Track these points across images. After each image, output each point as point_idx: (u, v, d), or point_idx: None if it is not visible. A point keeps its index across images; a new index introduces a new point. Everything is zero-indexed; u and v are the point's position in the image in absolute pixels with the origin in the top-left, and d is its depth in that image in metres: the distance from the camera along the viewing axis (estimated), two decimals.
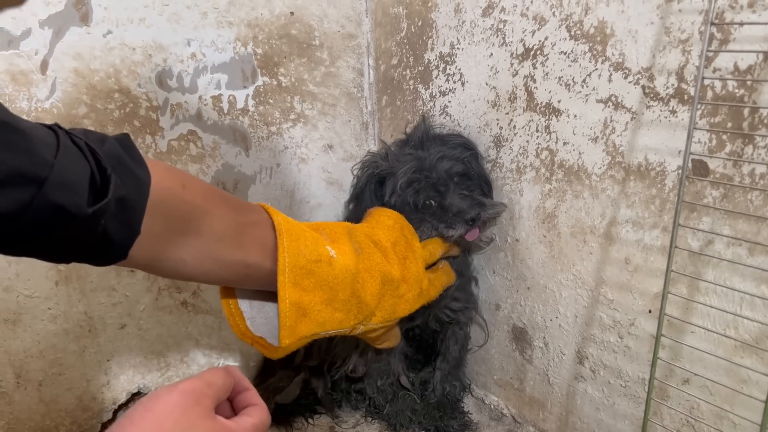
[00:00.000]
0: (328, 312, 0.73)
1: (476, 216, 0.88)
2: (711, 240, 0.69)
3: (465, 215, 0.88)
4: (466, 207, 0.88)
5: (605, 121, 0.77)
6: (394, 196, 0.90)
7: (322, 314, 0.72)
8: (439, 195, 0.90)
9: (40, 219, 0.44)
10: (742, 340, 0.68)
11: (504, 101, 0.91)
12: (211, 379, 0.47)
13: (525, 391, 1.02)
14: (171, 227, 0.58)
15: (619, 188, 0.78)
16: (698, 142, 0.68)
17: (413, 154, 0.90)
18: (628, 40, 0.72)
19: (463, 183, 0.92)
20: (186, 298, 1.05)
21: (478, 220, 0.89)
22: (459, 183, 0.91)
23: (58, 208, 0.44)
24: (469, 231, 0.89)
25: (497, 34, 0.89)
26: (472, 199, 0.90)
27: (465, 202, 0.89)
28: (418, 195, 0.89)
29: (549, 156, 0.86)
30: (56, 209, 0.44)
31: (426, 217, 0.90)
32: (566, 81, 0.81)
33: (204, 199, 0.62)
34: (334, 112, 1.13)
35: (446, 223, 0.89)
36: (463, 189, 0.91)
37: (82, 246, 0.50)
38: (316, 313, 0.71)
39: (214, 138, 1.00)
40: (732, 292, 0.68)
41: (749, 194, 0.65)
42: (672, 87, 0.69)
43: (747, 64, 0.62)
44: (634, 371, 0.82)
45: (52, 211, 0.44)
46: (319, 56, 1.08)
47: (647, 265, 0.77)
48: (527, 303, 0.96)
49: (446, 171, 0.89)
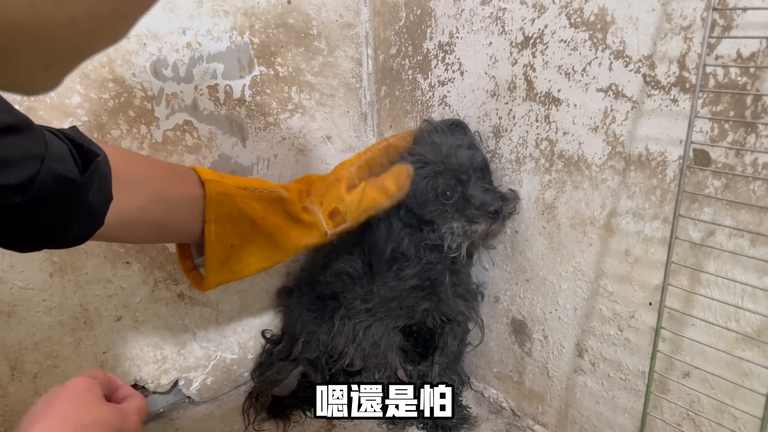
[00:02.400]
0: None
1: (499, 209, 0.86)
2: (712, 231, 0.68)
3: (488, 207, 0.86)
4: (489, 200, 0.87)
5: (605, 111, 0.76)
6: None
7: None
8: (460, 184, 0.88)
9: (45, 187, 0.52)
10: (744, 333, 0.67)
11: (503, 91, 0.89)
12: (93, 374, 0.57)
13: (524, 384, 1.01)
14: (128, 187, 0.69)
15: (619, 179, 0.76)
16: (700, 132, 0.66)
17: (433, 140, 0.90)
18: (629, 27, 0.71)
19: (485, 176, 0.91)
20: (182, 290, 1.04)
21: (500, 214, 0.87)
22: (480, 175, 0.89)
23: (58, 176, 0.53)
24: (492, 225, 0.87)
25: (496, 22, 0.87)
26: (494, 192, 0.89)
27: (488, 195, 0.88)
28: (436, 181, 0.88)
29: (549, 146, 0.85)
30: (57, 177, 0.53)
31: (447, 208, 0.89)
32: (566, 70, 0.79)
33: (140, 160, 0.78)
34: (332, 102, 1.12)
35: (468, 217, 0.88)
36: (485, 182, 0.90)
37: (70, 215, 0.57)
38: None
39: (210, 128, 0.99)
40: (733, 284, 0.67)
41: (752, 184, 0.63)
42: (673, 75, 0.68)
43: (750, 51, 0.61)
44: (633, 364, 0.81)
45: (54, 179, 0.52)
46: (316, 46, 1.07)
47: (647, 256, 0.75)
48: (526, 295, 0.95)
49: (469, 161, 0.88)
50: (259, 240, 0.83)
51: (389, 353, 0.99)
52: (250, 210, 0.81)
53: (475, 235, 0.89)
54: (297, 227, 0.86)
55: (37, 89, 0.30)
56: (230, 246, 0.81)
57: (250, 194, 0.82)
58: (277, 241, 0.84)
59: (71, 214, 0.57)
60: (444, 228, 0.90)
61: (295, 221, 0.86)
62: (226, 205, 0.79)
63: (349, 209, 0.87)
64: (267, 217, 0.83)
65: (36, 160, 0.51)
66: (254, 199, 0.82)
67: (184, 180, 0.78)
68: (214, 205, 0.78)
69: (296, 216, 0.85)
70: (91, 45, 0.29)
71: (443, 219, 0.89)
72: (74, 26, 0.26)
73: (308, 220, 0.86)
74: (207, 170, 0.81)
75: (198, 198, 0.78)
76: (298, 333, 1.08)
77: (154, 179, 0.74)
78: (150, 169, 0.75)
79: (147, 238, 0.84)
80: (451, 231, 0.89)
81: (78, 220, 0.59)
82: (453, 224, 0.89)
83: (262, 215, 0.82)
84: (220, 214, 0.79)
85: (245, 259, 0.83)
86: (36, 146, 0.51)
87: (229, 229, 0.80)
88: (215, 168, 1.00)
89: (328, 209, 0.87)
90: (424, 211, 0.89)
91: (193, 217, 0.79)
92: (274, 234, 0.84)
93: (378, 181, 0.89)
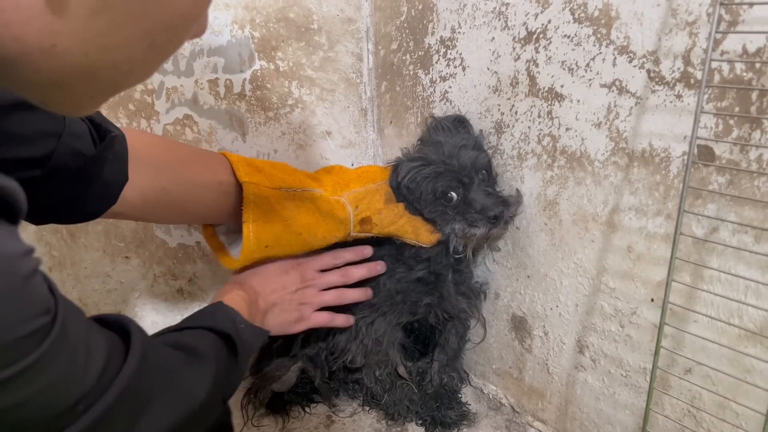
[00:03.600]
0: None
1: (499, 214, 0.86)
2: (716, 227, 0.68)
3: (489, 212, 0.85)
4: (490, 204, 0.86)
5: (609, 107, 0.76)
6: (408, 178, 0.88)
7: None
8: (462, 187, 0.88)
9: (62, 160, 0.57)
10: (747, 329, 0.67)
11: (505, 86, 0.89)
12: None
13: (524, 381, 1.01)
14: (151, 168, 0.73)
15: (622, 175, 0.76)
16: (704, 127, 0.66)
17: (437, 139, 0.90)
18: (634, 22, 0.71)
19: (488, 177, 0.90)
20: (182, 285, 1.04)
21: (500, 219, 0.86)
22: (483, 177, 0.89)
23: (74, 150, 0.58)
24: (492, 230, 0.87)
25: (499, 17, 0.87)
26: (496, 197, 0.88)
27: (489, 199, 0.87)
28: (436, 182, 0.87)
29: (551, 142, 0.84)
30: (73, 152, 0.58)
31: (448, 210, 0.88)
32: (569, 65, 0.79)
33: (166, 144, 0.83)
34: (332, 97, 1.12)
35: (468, 221, 0.87)
36: (488, 185, 0.89)
37: (84, 189, 0.62)
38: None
39: (210, 123, 0.99)
40: (737, 280, 0.67)
41: (756, 180, 0.63)
42: (678, 71, 0.68)
43: (756, 46, 0.61)
44: (635, 361, 0.81)
45: (70, 153, 0.58)
46: (317, 40, 1.07)
47: (650, 253, 0.75)
48: (527, 292, 0.95)
49: (471, 163, 0.87)
50: (289, 238, 0.86)
51: (390, 350, 0.99)
52: (282, 210, 0.84)
53: (474, 239, 0.89)
54: (327, 222, 0.88)
55: (81, 113, 0.42)
56: (265, 247, 0.85)
57: (284, 194, 0.85)
58: (306, 239, 0.87)
59: (85, 188, 0.62)
60: (447, 229, 0.90)
61: (326, 216, 0.88)
62: (262, 207, 0.83)
63: (381, 223, 0.91)
64: (299, 217, 0.86)
65: (53, 137, 0.56)
66: (288, 199, 0.86)
67: (211, 165, 0.82)
68: (251, 206, 0.82)
69: (329, 211, 0.88)
70: (126, 82, 0.39)
71: (444, 220, 0.89)
72: (115, 69, 0.37)
73: (342, 216, 0.89)
74: (240, 161, 0.84)
75: (224, 184, 0.82)
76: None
77: (177, 162, 0.78)
78: (175, 153, 0.79)
79: (171, 219, 0.90)
80: (454, 233, 0.89)
81: (92, 195, 0.63)
82: (454, 226, 0.88)
83: (294, 215, 0.85)
84: (256, 214, 0.82)
85: (274, 256, 0.89)
86: (53, 124, 0.57)
87: (265, 230, 0.83)
88: None
89: (362, 215, 0.90)
90: (425, 210, 0.89)
91: (219, 203, 0.83)
92: (304, 234, 0.87)
93: (417, 221, 0.91)
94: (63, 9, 0.31)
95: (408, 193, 0.90)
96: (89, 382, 0.40)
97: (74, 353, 0.38)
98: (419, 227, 0.92)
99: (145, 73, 0.39)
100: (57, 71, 0.34)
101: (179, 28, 0.38)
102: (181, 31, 0.38)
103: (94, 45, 0.34)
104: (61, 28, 0.32)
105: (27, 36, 0.31)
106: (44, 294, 0.36)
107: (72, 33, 0.32)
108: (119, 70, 0.37)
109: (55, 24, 0.31)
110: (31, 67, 0.33)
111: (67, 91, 0.37)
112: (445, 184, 0.87)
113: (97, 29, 0.33)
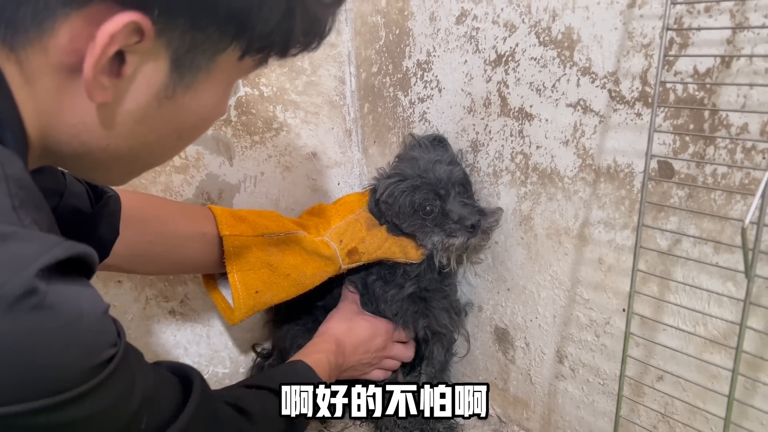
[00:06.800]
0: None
1: (476, 223, 0.89)
2: (678, 239, 0.71)
3: (466, 221, 0.89)
4: (467, 214, 0.89)
5: (575, 125, 0.79)
6: (386, 194, 0.91)
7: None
8: (439, 199, 0.90)
9: (63, 217, 0.59)
10: (711, 337, 0.70)
11: (479, 107, 0.92)
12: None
13: (509, 391, 1.03)
14: (138, 223, 0.78)
15: (590, 190, 0.79)
16: (663, 144, 0.69)
17: (413, 155, 0.93)
18: (594, 45, 0.74)
19: (465, 190, 0.93)
20: (174, 306, 1.06)
21: (477, 228, 0.89)
22: (460, 190, 0.92)
23: (74, 208, 0.63)
24: (470, 239, 0.90)
25: (471, 41, 0.90)
26: (472, 207, 0.91)
27: (466, 210, 0.90)
28: (414, 195, 0.90)
29: (523, 159, 0.87)
30: (73, 209, 0.62)
31: (427, 222, 0.91)
32: (537, 86, 0.82)
33: (153, 200, 0.89)
34: (317, 120, 1.15)
35: (446, 231, 0.90)
36: (464, 197, 0.92)
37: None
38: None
39: (197, 149, 1.02)
40: (700, 291, 0.70)
41: (712, 194, 0.66)
42: (636, 90, 0.71)
43: (705, 67, 0.64)
44: (611, 369, 0.83)
45: (70, 210, 0.62)
46: (300, 65, 1.10)
47: (619, 264, 0.78)
48: (508, 304, 0.97)
49: (447, 176, 0.90)
50: (278, 281, 0.91)
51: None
52: (267, 255, 0.89)
53: (453, 248, 0.91)
54: (315, 261, 0.93)
55: (120, 184, 0.55)
56: (255, 292, 0.89)
57: (267, 240, 0.90)
58: (296, 279, 0.92)
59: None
60: (427, 242, 0.92)
61: (312, 255, 0.92)
62: (244, 256, 0.88)
63: (368, 251, 0.95)
64: (284, 260, 0.90)
65: (57, 195, 0.61)
66: (271, 244, 0.90)
67: (196, 218, 0.88)
68: (232, 257, 0.87)
69: (315, 251, 0.92)
70: (157, 162, 0.54)
71: (423, 233, 0.92)
72: (151, 155, 0.52)
73: (328, 253, 0.93)
74: (224, 214, 0.89)
75: (208, 236, 0.87)
76: (288, 347, 1.10)
77: (163, 217, 0.84)
78: (161, 209, 0.86)
79: (159, 270, 0.94)
80: (434, 245, 0.92)
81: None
82: (434, 238, 0.91)
83: (279, 258, 0.90)
84: (240, 264, 0.88)
85: (269, 300, 0.92)
86: (56, 184, 0.62)
87: (251, 276, 0.88)
88: (203, 187, 1.03)
89: (347, 247, 0.94)
90: (404, 224, 0.92)
91: (206, 253, 0.88)
92: (292, 274, 0.91)
93: (402, 240, 0.95)
94: (113, 125, 0.45)
95: (387, 209, 0.92)
96: (155, 415, 0.46)
97: (132, 382, 0.44)
98: (406, 245, 0.95)
99: (173, 155, 0.55)
100: (109, 160, 0.48)
101: (201, 126, 0.52)
102: (203, 127, 0.52)
103: (137, 142, 0.47)
104: (113, 135, 0.45)
105: (90, 141, 0.45)
106: (113, 330, 0.42)
107: (121, 137, 0.46)
108: (153, 155, 0.52)
109: (109, 133, 0.45)
110: (91, 158, 0.47)
111: (113, 170, 0.51)
112: (422, 197, 0.90)
113: (139, 133, 0.47)
